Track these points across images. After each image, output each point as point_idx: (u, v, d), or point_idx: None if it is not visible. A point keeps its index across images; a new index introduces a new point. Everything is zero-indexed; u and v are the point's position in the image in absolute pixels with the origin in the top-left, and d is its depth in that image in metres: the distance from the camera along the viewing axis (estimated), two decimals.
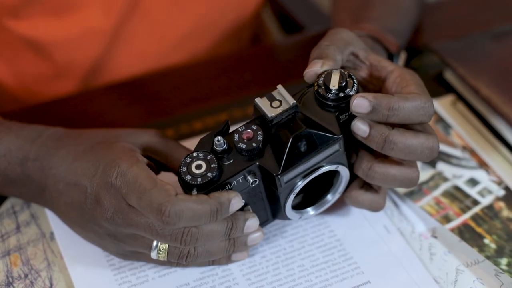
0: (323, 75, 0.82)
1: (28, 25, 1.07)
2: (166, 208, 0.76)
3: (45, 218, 0.91)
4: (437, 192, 0.93)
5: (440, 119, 1.01)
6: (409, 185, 0.85)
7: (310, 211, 0.87)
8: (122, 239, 0.82)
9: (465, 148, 0.98)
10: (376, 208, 0.87)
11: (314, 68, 0.83)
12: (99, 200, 0.80)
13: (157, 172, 0.86)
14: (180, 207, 0.76)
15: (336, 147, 0.82)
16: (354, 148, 0.85)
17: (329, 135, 0.81)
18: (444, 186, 0.94)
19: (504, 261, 0.87)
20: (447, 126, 1.01)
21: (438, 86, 1.06)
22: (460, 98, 1.04)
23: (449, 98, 1.04)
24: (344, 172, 0.85)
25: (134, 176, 0.78)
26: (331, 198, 0.87)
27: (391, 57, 0.98)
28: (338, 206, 0.91)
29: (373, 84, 0.87)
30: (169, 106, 1.04)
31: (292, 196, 0.83)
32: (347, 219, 0.91)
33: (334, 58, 0.84)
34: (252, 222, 0.82)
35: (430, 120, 0.82)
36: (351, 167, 0.85)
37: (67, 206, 0.84)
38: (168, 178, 0.84)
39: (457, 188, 0.94)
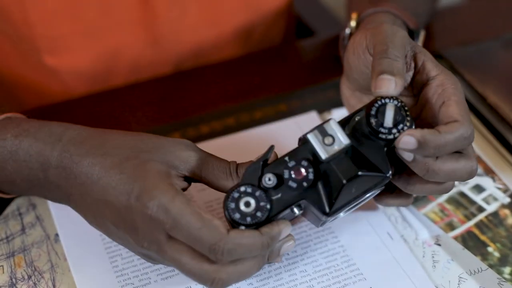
0: (377, 104, 0.80)
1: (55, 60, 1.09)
2: (220, 248, 0.75)
3: (50, 219, 0.91)
4: (442, 199, 0.93)
5: None
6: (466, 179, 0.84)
7: (341, 215, 0.86)
8: (153, 259, 0.82)
9: None
10: (403, 206, 0.89)
11: (388, 90, 0.81)
12: (135, 227, 0.79)
13: (189, 185, 0.83)
14: (234, 246, 0.76)
15: (383, 184, 0.82)
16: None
17: (379, 174, 0.80)
18: (449, 193, 0.93)
19: (507, 269, 0.87)
20: None
21: None
22: (468, 105, 1.03)
23: None
24: (381, 188, 0.85)
25: (178, 213, 0.76)
26: (360, 204, 0.87)
27: (411, 33, 0.98)
28: None
29: (416, 87, 0.86)
30: (176, 110, 1.04)
31: (332, 219, 0.84)
32: (351, 225, 0.91)
33: (404, 75, 0.82)
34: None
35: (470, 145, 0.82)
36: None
37: (97, 218, 0.82)
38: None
39: (462, 194, 0.94)
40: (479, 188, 0.94)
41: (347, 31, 1.00)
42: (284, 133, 1.00)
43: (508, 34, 1.11)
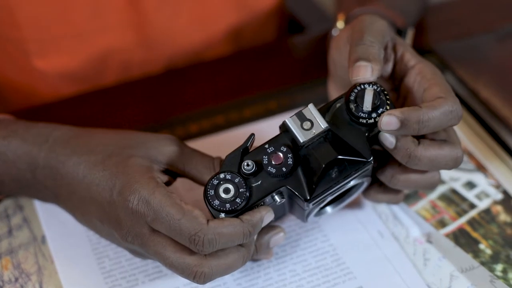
0: (356, 90, 0.80)
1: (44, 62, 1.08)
2: (200, 239, 0.75)
3: (38, 221, 0.90)
4: (433, 195, 0.92)
5: None
6: (452, 167, 0.83)
7: (329, 210, 0.87)
8: (140, 254, 0.82)
9: (463, 150, 0.96)
10: (394, 203, 0.89)
11: (365, 76, 0.80)
12: (119, 222, 0.79)
13: (174, 180, 0.84)
14: (213, 235, 0.75)
15: (366, 172, 0.81)
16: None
17: (360, 159, 0.79)
18: (440, 189, 0.93)
19: (499, 267, 0.86)
20: None
21: None
22: (459, 100, 1.02)
23: None
24: (368, 180, 0.84)
25: (158, 204, 0.76)
26: (348, 198, 0.87)
27: (399, 32, 0.98)
28: None
29: (396, 79, 0.85)
30: (164, 108, 1.03)
31: (316, 210, 0.83)
32: (341, 224, 0.90)
33: (381, 60, 0.82)
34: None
35: (459, 122, 0.81)
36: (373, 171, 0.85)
37: (85, 216, 0.83)
38: (185, 181, 0.85)
39: (454, 191, 0.93)
40: (470, 185, 0.93)
41: (334, 32, 1.00)
42: (274, 131, 0.98)
43: (500, 28, 1.10)
